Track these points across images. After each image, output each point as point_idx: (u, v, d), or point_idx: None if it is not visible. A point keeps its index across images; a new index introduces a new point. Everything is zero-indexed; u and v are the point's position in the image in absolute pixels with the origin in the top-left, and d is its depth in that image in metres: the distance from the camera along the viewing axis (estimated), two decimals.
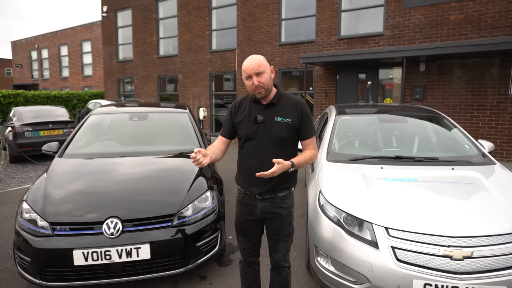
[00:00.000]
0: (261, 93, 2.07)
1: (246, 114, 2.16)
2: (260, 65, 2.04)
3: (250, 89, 2.09)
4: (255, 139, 2.12)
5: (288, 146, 2.15)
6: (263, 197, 2.15)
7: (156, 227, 2.71)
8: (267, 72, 2.07)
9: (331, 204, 2.67)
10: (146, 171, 3.31)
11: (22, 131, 8.43)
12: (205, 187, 3.17)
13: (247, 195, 2.20)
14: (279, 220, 2.19)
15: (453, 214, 2.35)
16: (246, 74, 2.07)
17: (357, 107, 4.81)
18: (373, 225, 2.38)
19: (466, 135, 3.59)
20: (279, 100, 2.15)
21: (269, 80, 2.08)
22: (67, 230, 2.61)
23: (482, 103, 7.76)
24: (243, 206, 2.24)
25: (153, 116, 4.39)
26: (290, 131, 2.12)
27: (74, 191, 2.96)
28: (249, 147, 2.15)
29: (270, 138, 2.10)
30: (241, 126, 2.17)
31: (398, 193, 2.63)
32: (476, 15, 7.62)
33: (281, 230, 2.21)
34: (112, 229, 2.60)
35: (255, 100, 2.15)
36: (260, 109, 2.13)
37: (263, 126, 2.11)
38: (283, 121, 2.10)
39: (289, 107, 2.14)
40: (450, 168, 2.99)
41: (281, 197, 2.18)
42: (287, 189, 2.19)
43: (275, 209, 2.17)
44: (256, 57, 2.08)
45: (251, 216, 2.22)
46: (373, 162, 3.17)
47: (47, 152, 3.80)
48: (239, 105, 2.24)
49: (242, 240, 2.32)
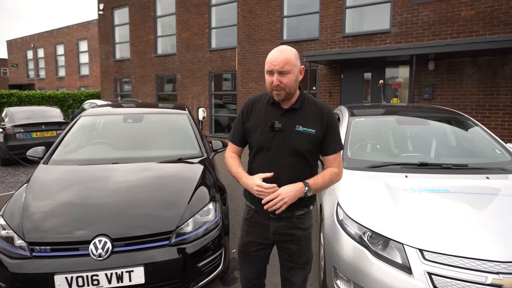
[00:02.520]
0: (280, 96, 1.73)
1: (261, 119, 1.81)
2: (287, 62, 1.67)
3: (268, 86, 1.74)
4: (270, 150, 1.77)
5: (310, 161, 1.80)
6: (278, 216, 1.79)
7: (152, 246, 2.36)
8: (294, 72, 1.71)
9: (352, 219, 2.33)
10: (140, 179, 2.96)
11: (13, 133, 8.08)
12: (207, 197, 2.82)
13: (258, 213, 1.86)
14: (296, 244, 1.85)
15: (501, 234, 2.00)
16: (268, 67, 1.71)
17: (370, 108, 4.47)
18: (405, 246, 2.04)
19: (495, 138, 3.25)
20: (302, 105, 1.80)
21: (293, 83, 1.72)
22: (48, 251, 2.25)
23: (494, 103, 7.43)
24: (252, 225, 1.90)
25: (150, 118, 4.03)
26: (313, 144, 1.77)
27: (57, 205, 2.60)
28: (263, 159, 1.80)
29: (288, 151, 1.75)
30: (254, 133, 1.82)
31: (430, 207, 2.28)
32: (488, 11, 7.29)
33: (298, 256, 1.86)
34: (100, 250, 2.25)
35: (274, 102, 1.80)
36: (279, 114, 1.78)
37: (280, 135, 1.76)
38: (306, 131, 1.75)
39: (314, 114, 1.79)
40: (485, 177, 2.65)
41: (299, 216, 1.83)
42: (306, 206, 1.85)
43: (291, 230, 1.83)
44: (285, 51, 1.70)
45: (261, 239, 1.87)
46: (395, 170, 2.83)
47: (32, 158, 3.44)
48: (252, 105, 1.88)
49: (247, 270, 1.97)
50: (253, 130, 1.83)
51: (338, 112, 4.30)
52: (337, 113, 4.29)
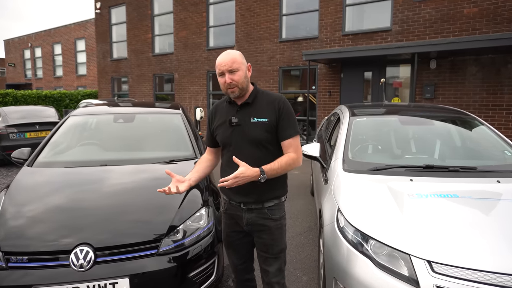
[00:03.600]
0: (235, 92, 1.88)
1: (222, 118, 1.99)
2: (234, 61, 1.85)
3: (222, 87, 1.91)
4: (232, 144, 1.94)
5: (271, 149, 1.92)
6: (249, 207, 1.95)
7: (138, 256, 2.19)
8: (242, 69, 1.88)
9: (354, 227, 2.16)
10: (128, 183, 2.78)
11: (6, 133, 7.93)
12: (199, 202, 2.65)
13: (231, 204, 2.02)
14: (269, 234, 1.97)
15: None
16: (218, 70, 1.89)
17: (371, 107, 4.30)
18: (412, 257, 1.88)
19: (504, 139, 3.08)
20: (255, 99, 1.95)
21: (243, 79, 1.89)
22: (25, 261, 2.08)
23: (498, 102, 7.27)
24: (229, 217, 2.07)
25: (141, 118, 3.85)
26: (269, 132, 1.89)
27: (37, 211, 2.42)
28: (228, 154, 1.94)
29: (247, 142, 1.90)
30: (218, 132, 2.01)
31: (439, 214, 2.12)
32: (491, 8, 7.13)
33: (272, 246, 1.98)
34: (81, 260, 2.08)
35: (231, 101, 1.97)
36: (235, 110, 1.94)
37: (238, 129, 1.92)
38: (260, 121, 1.90)
39: (267, 105, 1.93)
40: (495, 181, 2.48)
41: (269, 208, 1.96)
42: (276, 198, 1.97)
43: (262, 221, 1.96)
44: (230, 53, 1.90)
45: (238, 227, 2.04)
46: (399, 173, 2.66)
47: (17, 159, 3.26)
48: (216, 109, 2.07)
49: (232, 256, 2.12)
50: (217, 130, 2.00)
51: (338, 111, 4.13)
52: (337, 112, 4.12)
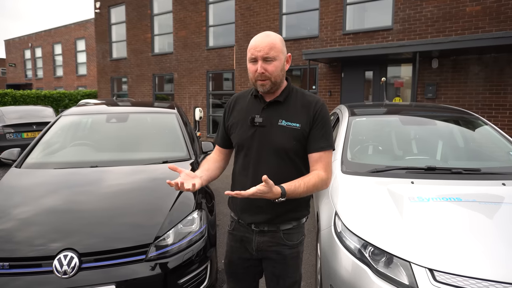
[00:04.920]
0: (265, 86, 1.48)
1: (242, 114, 1.59)
2: (272, 47, 1.45)
3: (251, 76, 1.50)
4: (251, 149, 1.54)
5: (297, 163, 1.54)
6: (261, 228, 1.56)
7: (125, 262, 2.08)
8: (280, 59, 1.48)
9: (351, 232, 2.06)
10: (118, 185, 2.68)
11: (3, 133, 7.86)
12: (192, 204, 2.55)
13: (240, 224, 1.63)
14: (282, 263, 1.59)
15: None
16: (251, 54, 1.48)
17: (372, 107, 4.19)
18: (412, 264, 1.77)
19: (509, 140, 2.97)
20: (287, 98, 1.55)
21: (279, 71, 1.49)
22: (6, 267, 1.99)
23: (501, 102, 7.14)
24: (236, 239, 1.67)
25: (135, 118, 3.75)
26: (298, 141, 1.51)
27: (22, 215, 2.32)
28: (244, 159, 1.57)
29: (269, 149, 1.51)
30: (234, 131, 1.61)
31: (441, 219, 2.01)
32: (494, 6, 7.00)
33: (284, 277, 1.59)
34: (65, 266, 1.98)
35: (257, 95, 1.57)
36: (261, 108, 1.54)
37: (261, 131, 1.52)
38: (289, 126, 1.50)
39: (301, 107, 1.54)
40: (500, 183, 2.37)
41: (285, 231, 1.57)
42: (295, 220, 1.59)
43: (276, 247, 1.57)
44: (270, 35, 1.49)
45: (246, 254, 1.63)
46: (399, 175, 2.55)
47: (6, 160, 3.17)
48: (235, 102, 1.67)
49: (233, 286, 1.73)
50: (233, 127, 1.61)
51: (337, 111, 4.02)
52: (337, 112, 4.02)
